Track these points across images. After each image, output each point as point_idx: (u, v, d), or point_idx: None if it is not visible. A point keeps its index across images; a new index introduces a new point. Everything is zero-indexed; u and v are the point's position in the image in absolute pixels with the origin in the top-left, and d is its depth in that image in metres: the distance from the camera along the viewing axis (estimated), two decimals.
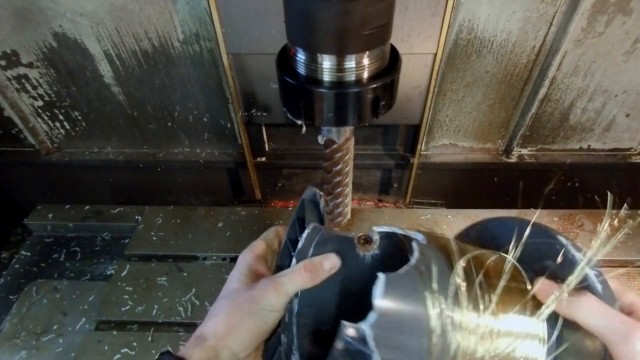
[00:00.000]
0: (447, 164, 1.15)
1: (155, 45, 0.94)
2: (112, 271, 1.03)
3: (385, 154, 1.16)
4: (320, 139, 0.42)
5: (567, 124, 1.07)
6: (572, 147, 1.13)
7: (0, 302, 0.99)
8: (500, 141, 1.14)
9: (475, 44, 0.92)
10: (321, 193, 0.47)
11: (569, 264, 0.41)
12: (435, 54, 0.88)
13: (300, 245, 0.44)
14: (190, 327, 0.89)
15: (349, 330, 0.36)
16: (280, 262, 0.48)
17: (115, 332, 0.88)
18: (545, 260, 0.42)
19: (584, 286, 0.40)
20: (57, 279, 1.03)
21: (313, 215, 0.47)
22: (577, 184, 1.21)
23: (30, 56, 0.96)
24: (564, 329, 0.41)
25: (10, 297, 1.00)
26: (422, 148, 1.10)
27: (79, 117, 1.09)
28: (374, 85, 0.35)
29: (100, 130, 1.12)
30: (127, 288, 0.95)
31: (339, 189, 0.70)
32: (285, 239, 0.48)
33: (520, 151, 1.14)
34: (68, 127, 1.12)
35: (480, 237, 0.50)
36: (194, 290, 0.94)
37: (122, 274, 0.98)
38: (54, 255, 1.10)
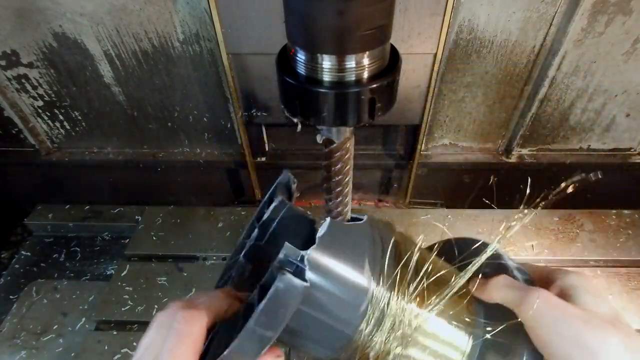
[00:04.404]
0: (447, 164, 1.15)
1: (155, 45, 0.94)
2: (112, 271, 1.03)
3: (385, 154, 1.16)
4: (319, 139, 0.42)
5: (567, 124, 1.07)
6: (572, 147, 1.13)
7: (0, 302, 1.00)
8: (500, 141, 1.14)
9: (475, 44, 0.92)
10: (295, 179, 0.49)
11: (503, 269, 0.47)
12: (435, 54, 0.88)
13: (265, 216, 0.46)
14: None
15: (289, 248, 0.37)
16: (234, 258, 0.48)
17: (115, 332, 0.88)
18: (483, 270, 0.47)
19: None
20: (57, 279, 1.03)
21: (284, 197, 0.49)
22: (577, 184, 1.21)
23: (30, 56, 0.96)
24: (486, 352, 0.45)
25: (10, 297, 1.00)
26: (422, 148, 1.10)
27: (79, 117, 1.09)
28: (373, 86, 0.35)
29: (100, 130, 1.13)
30: (127, 288, 0.95)
31: (339, 189, 0.69)
32: (253, 218, 0.48)
33: (520, 151, 1.14)
34: (68, 127, 1.12)
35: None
36: (194, 290, 0.95)
37: (122, 274, 0.98)
38: (54, 255, 1.10)
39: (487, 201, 1.12)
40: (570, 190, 0.49)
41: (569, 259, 0.99)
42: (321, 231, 0.41)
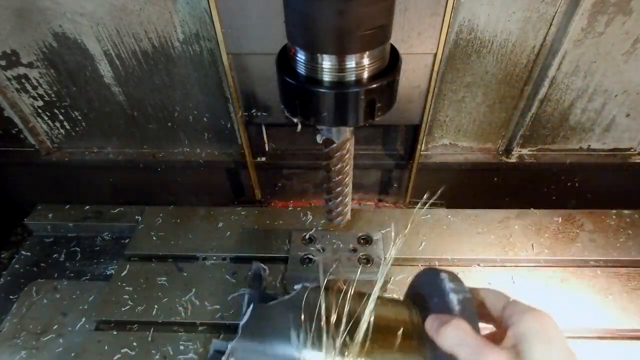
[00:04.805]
0: (447, 164, 1.15)
1: (155, 45, 0.94)
2: (112, 271, 1.03)
3: (385, 154, 1.16)
4: (319, 138, 0.42)
5: (567, 124, 1.07)
6: (572, 147, 1.13)
7: (0, 302, 0.99)
8: (500, 141, 1.14)
9: (475, 44, 0.92)
10: (265, 267, 0.56)
11: (444, 295, 0.47)
12: (435, 54, 0.88)
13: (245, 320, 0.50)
14: (190, 327, 0.89)
15: (218, 343, 0.45)
16: None
17: (115, 332, 0.88)
18: (432, 299, 0.48)
19: (456, 311, 0.47)
20: (57, 279, 1.03)
21: (255, 290, 0.54)
22: (577, 184, 1.21)
23: (30, 56, 0.96)
24: None
25: (10, 297, 1.00)
26: (422, 148, 1.10)
27: (79, 117, 1.10)
28: (372, 86, 0.35)
29: (100, 130, 1.13)
30: (127, 288, 0.95)
31: (339, 189, 0.70)
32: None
33: (521, 151, 1.14)
34: (68, 127, 1.12)
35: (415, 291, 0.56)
36: (194, 290, 0.94)
37: (122, 274, 0.98)
38: (54, 255, 1.10)
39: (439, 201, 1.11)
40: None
41: (569, 259, 0.99)
42: (243, 319, 0.47)
